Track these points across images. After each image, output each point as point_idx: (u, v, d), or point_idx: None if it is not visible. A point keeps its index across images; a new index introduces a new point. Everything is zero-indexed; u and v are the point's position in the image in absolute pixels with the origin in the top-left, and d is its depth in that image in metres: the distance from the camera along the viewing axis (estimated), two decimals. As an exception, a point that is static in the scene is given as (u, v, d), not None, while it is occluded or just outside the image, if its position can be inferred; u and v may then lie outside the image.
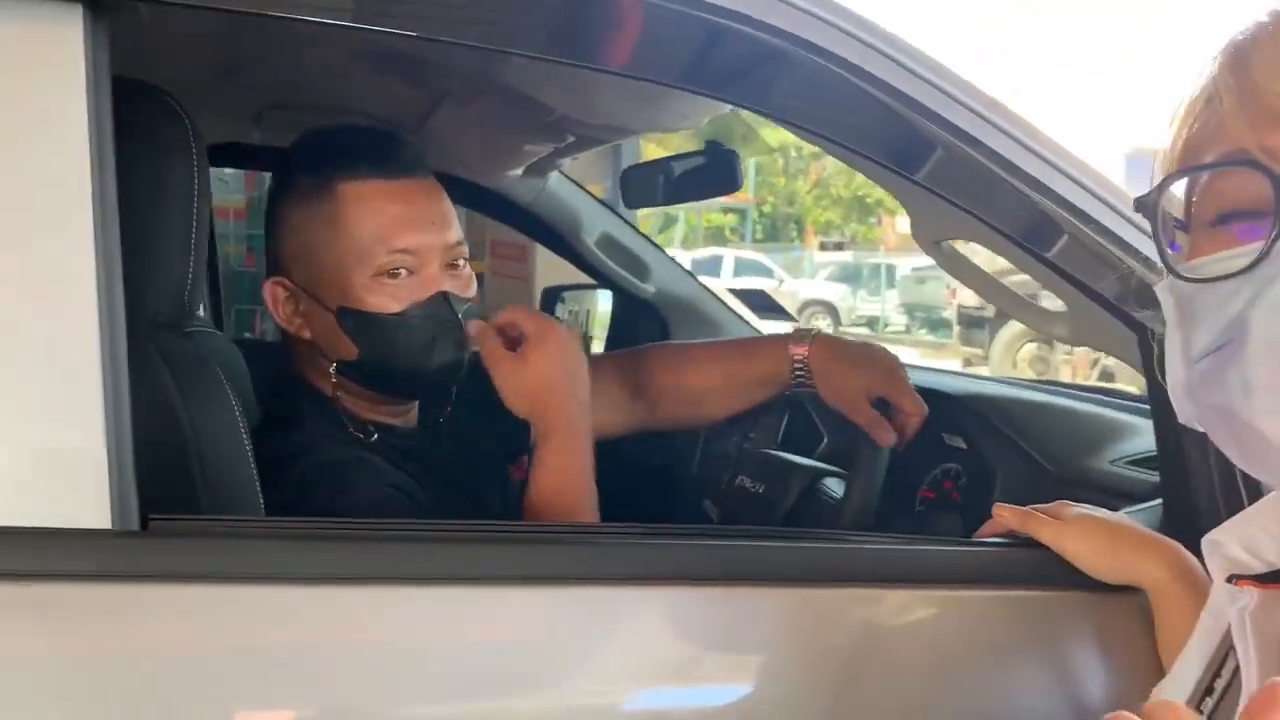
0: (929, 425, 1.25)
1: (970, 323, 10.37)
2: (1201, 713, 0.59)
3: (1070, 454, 1.25)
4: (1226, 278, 0.51)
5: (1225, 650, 0.59)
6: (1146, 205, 0.56)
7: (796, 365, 1.26)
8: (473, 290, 1.13)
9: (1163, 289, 0.56)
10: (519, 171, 1.90)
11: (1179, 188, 0.56)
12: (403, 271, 1.07)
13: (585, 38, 0.88)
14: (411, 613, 0.79)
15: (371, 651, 0.77)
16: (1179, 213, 0.57)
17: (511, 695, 0.80)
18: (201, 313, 1.16)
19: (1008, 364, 8.97)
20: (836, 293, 16.41)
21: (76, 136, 0.70)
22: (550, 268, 2.35)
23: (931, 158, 0.94)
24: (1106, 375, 6.68)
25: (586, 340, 2.22)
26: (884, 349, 1.30)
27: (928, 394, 1.26)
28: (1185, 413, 0.55)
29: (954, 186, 0.96)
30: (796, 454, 1.40)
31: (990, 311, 9.43)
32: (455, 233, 1.11)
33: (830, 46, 0.87)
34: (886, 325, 15.79)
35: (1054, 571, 0.91)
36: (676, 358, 1.36)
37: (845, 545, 0.96)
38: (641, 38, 0.87)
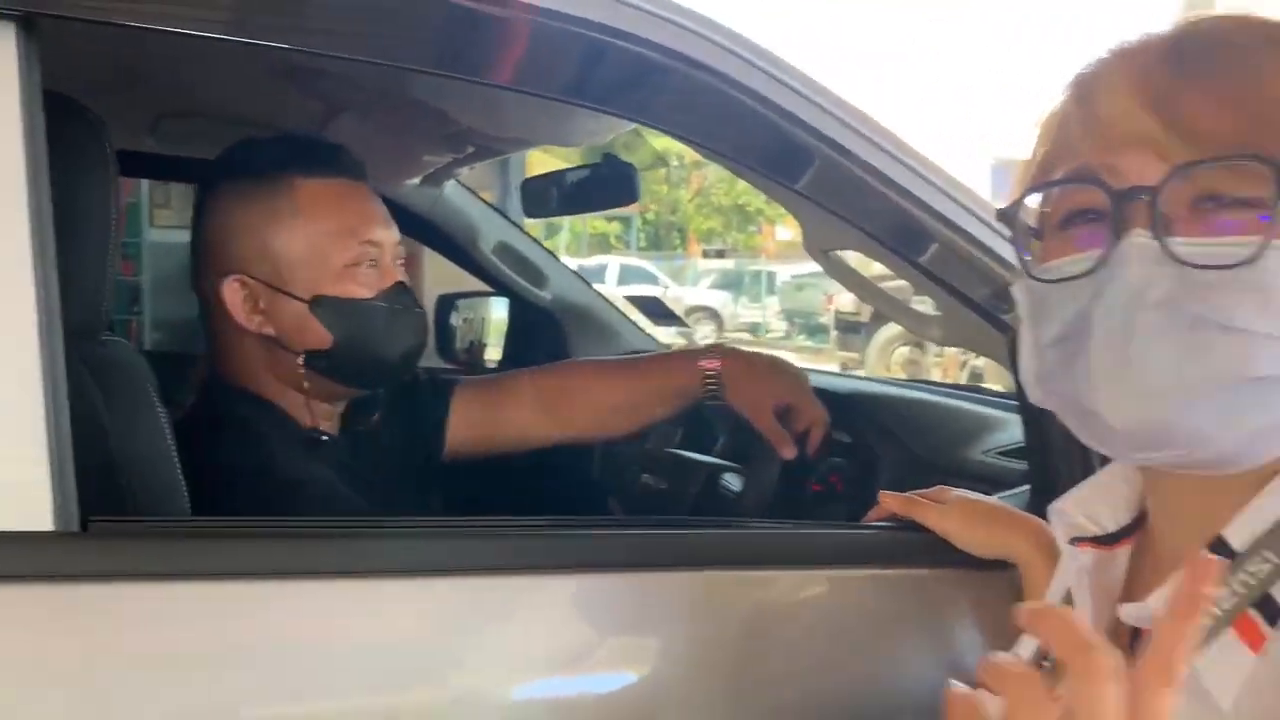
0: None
1: (846, 328, 10.68)
2: (1043, 667, 0.68)
3: (946, 446, 1.36)
4: (1073, 279, 0.58)
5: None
6: (1008, 215, 0.64)
7: (708, 379, 1.32)
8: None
9: (1018, 288, 0.63)
10: (416, 180, 1.92)
11: (1034, 199, 0.64)
12: (368, 263, 1.14)
13: (473, 54, 0.91)
14: (335, 606, 0.82)
15: (299, 645, 0.80)
16: (1034, 220, 0.64)
17: (422, 686, 0.83)
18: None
19: (882, 366, 9.29)
20: (719, 299, 16.70)
21: (11, 150, 0.71)
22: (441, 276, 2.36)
23: (810, 169, 1.01)
24: (975, 376, 6.98)
25: (481, 348, 2.24)
26: (788, 361, 1.39)
27: (816, 394, 1.34)
28: (1036, 396, 0.63)
29: (833, 197, 1.03)
30: (696, 453, 1.47)
31: (865, 316, 9.76)
32: (397, 232, 1.20)
33: (711, 62, 0.93)
34: (767, 331, 16.14)
35: (935, 551, 1.00)
36: (593, 374, 1.41)
37: (739, 530, 1.03)
38: (527, 54, 0.91)
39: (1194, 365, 0.55)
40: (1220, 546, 0.58)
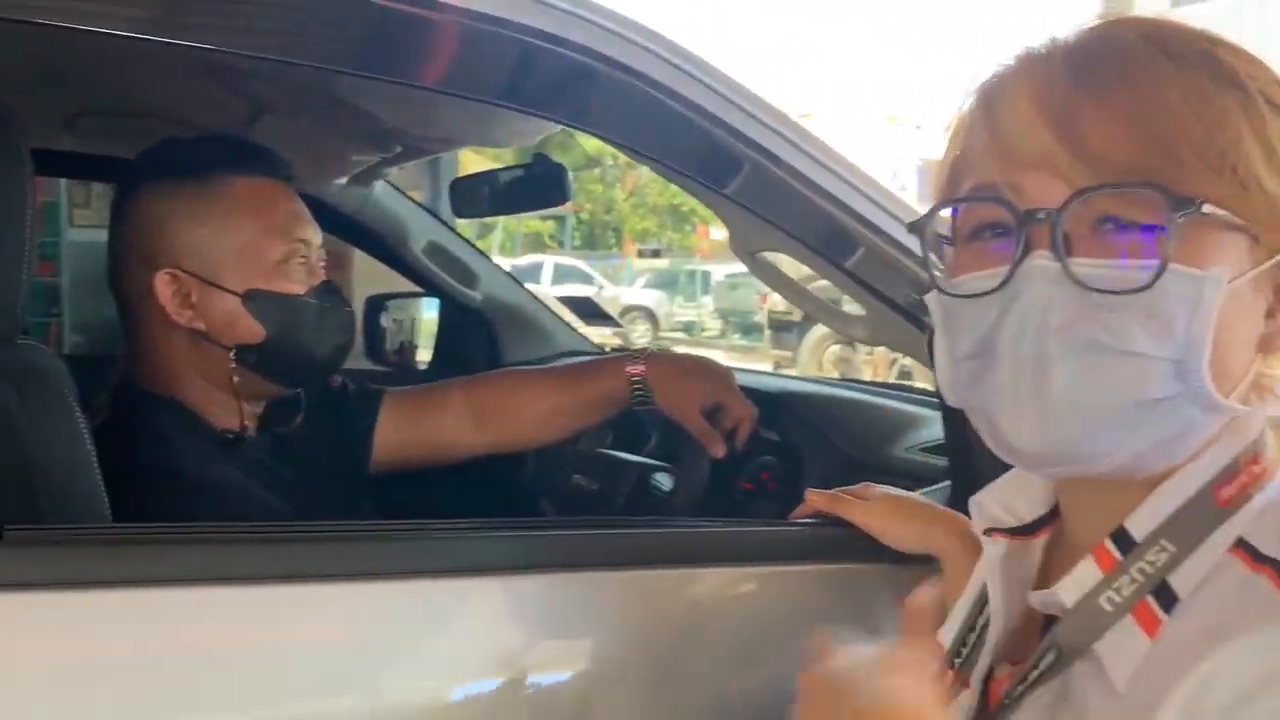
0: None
1: (780, 327, 10.80)
2: (960, 656, 0.70)
3: (871, 443, 1.39)
4: (979, 295, 0.60)
5: (983, 601, 0.70)
6: (918, 228, 0.66)
7: (635, 384, 1.33)
8: None
9: (931, 299, 0.65)
10: (344, 180, 1.90)
11: (945, 210, 0.65)
12: (299, 260, 1.16)
13: (396, 54, 0.90)
14: (258, 611, 0.81)
15: (220, 653, 0.79)
16: (946, 230, 0.66)
17: (349, 692, 0.83)
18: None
19: (814, 365, 9.42)
20: (654, 299, 16.75)
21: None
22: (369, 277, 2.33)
23: (739, 173, 1.03)
24: (905, 374, 7.09)
25: (410, 349, 2.22)
26: (714, 361, 1.40)
27: (746, 393, 1.36)
28: (952, 400, 0.65)
29: (757, 199, 1.05)
30: (627, 453, 1.48)
31: (798, 316, 9.87)
32: (320, 234, 1.21)
33: (634, 64, 0.94)
34: (702, 330, 16.23)
35: (860, 547, 1.02)
36: (521, 383, 1.42)
37: (669, 529, 1.04)
38: (454, 56, 0.91)
39: (1093, 388, 0.57)
40: (1122, 536, 0.60)
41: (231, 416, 1.17)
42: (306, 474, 1.21)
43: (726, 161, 1.02)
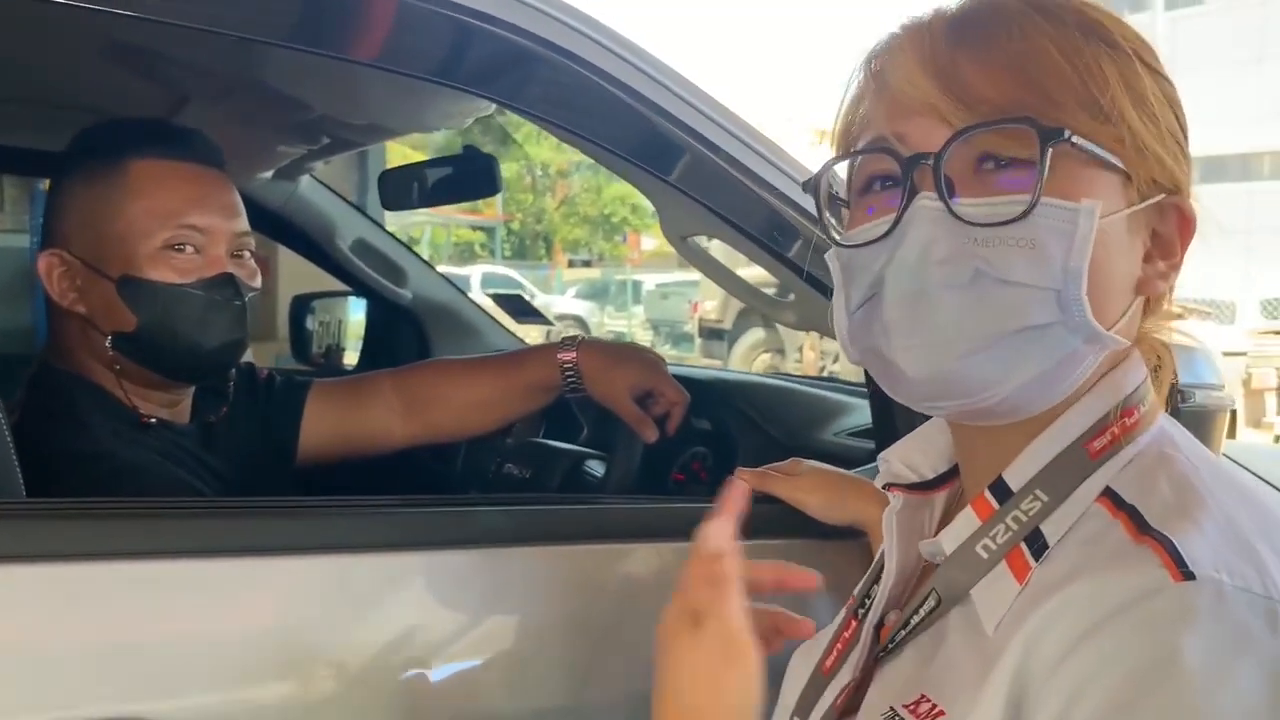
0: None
1: (710, 335, 10.88)
2: (864, 606, 0.73)
3: (799, 428, 1.41)
4: (871, 243, 0.62)
5: (881, 559, 0.73)
6: (810, 187, 0.69)
7: (567, 370, 1.32)
8: (257, 281, 1.17)
9: (830, 256, 0.67)
10: (269, 174, 1.87)
11: (842, 169, 0.68)
12: (189, 248, 1.10)
13: (332, 27, 0.89)
14: (182, 589, 0.80)
15: (135, 630, 0.77)
16: (843, 191, 0.68)
17: (273, 669, 0.81)
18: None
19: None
20: (585, 308, 16.75)
21: None
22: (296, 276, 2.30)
23: (670, 156, 1.04)
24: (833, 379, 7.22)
25: (339, 352, 2.19)
26: (644, 347, 1.41)
27: (678, 382, 1.37)
28: (851, 355, 0.67)
29: (688, 181, 1.06)
30: (559, 441, 1.48)
31: (729, 324, 9.97)
32: (243, 223, 1.15)
33: (563, 43, 0.94)
34: (633, 339, 16.28)
35: (790, 523, 1.04)
36: (452, 372, 1.40)
37: (600, 506, 1.04)
38: (391, 31, 0.90)
39: (975, 318, 0.59)
40: (999, 486, 0.63)
41: (143, 401, 1.14)
42: (232, 463, 1.19)
43: (658, 144, 1.03)
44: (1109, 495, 0.60)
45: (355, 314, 2.16)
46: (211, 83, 1.47)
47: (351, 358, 2.15)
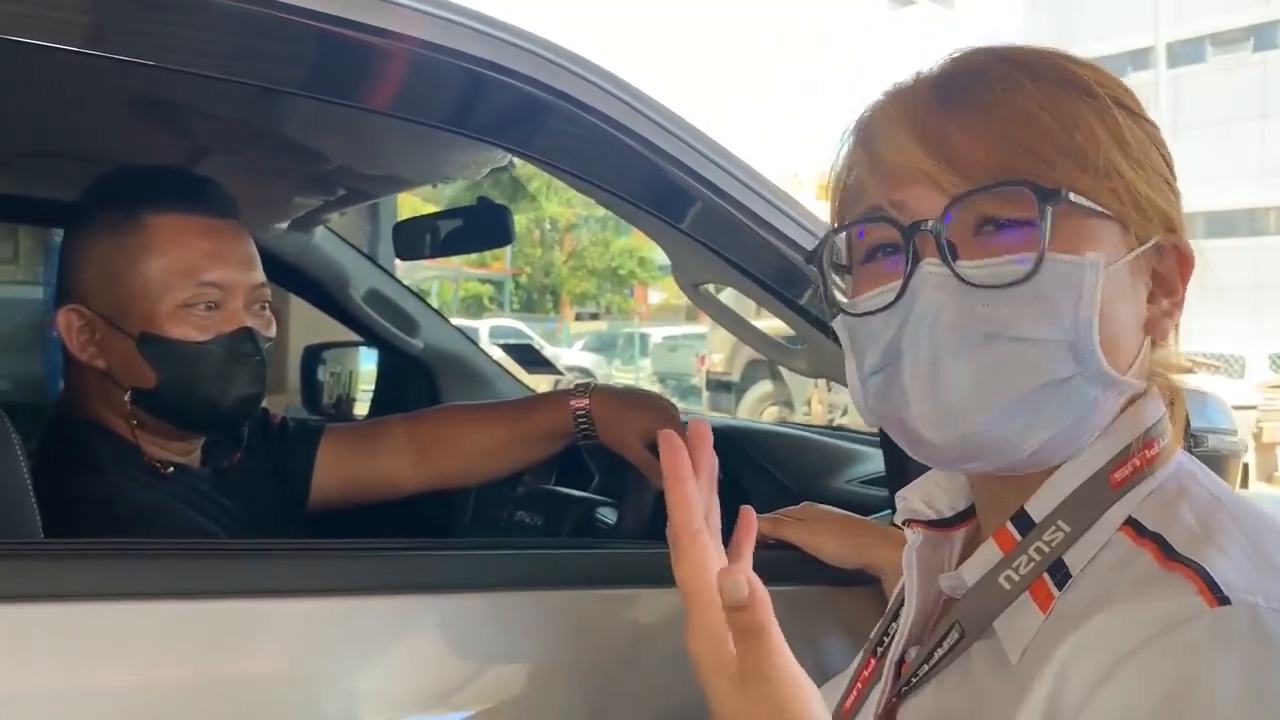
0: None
1: (718, 387, 10.88)
2: (882, 645, 0.73)
3: (811, 476, 1.41)
4: (878, 311, 0.63)
5: (901, 596, 0.73)
6: (814, 258, 0.70)
7: (579, 417, 1.32)
8: (272, 330, 1.17)
9: (838, 323, 0.68)
10: (284, 225, 1.89)
11: (841, 239, 0.69)
12: (208, 305, 1.10)
13: (348, 78, 0.89)
14: (182, 629, 0.79)
15: (152, 670, 0.77)
16: (844, 258, 0.70)
17: (286, 712, 0.81)
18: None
19: (754, 425, 9.50)
20: (592, 361, 16.78)
21: None
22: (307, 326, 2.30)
23: (688, 206, 1.05)
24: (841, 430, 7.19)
25: (349, 402, 2.19)
26: (657, 394, 1.41)
27: (688, 428, 1.37)
28: (869, 420, 0.68)
29: (705, 232, 1.07)
30: (570, 489, 1.48)
31: (736, 376, 9.97)
32: (260, 275, 1.16)
33: (574, 93, 0.96)
34: (641, 391, 16.25)
35: (804, 569, 1.03)
36: (464, 418, 1.40)
37: (611, 550, 1.04)
38: (401, 83, 0.91)
39: (994, 379, 0.60)
40: (1022, 518, 0.64)
41: (157, 449, 1.14)
42: (246, 507, 1.19)
43: (672, 192, 1.04)
44: (1131, 524, 0.61)
45: (366, 364, 2.16)
46: (228, 133, 1.49)
47: (362, 409, 2.15)
